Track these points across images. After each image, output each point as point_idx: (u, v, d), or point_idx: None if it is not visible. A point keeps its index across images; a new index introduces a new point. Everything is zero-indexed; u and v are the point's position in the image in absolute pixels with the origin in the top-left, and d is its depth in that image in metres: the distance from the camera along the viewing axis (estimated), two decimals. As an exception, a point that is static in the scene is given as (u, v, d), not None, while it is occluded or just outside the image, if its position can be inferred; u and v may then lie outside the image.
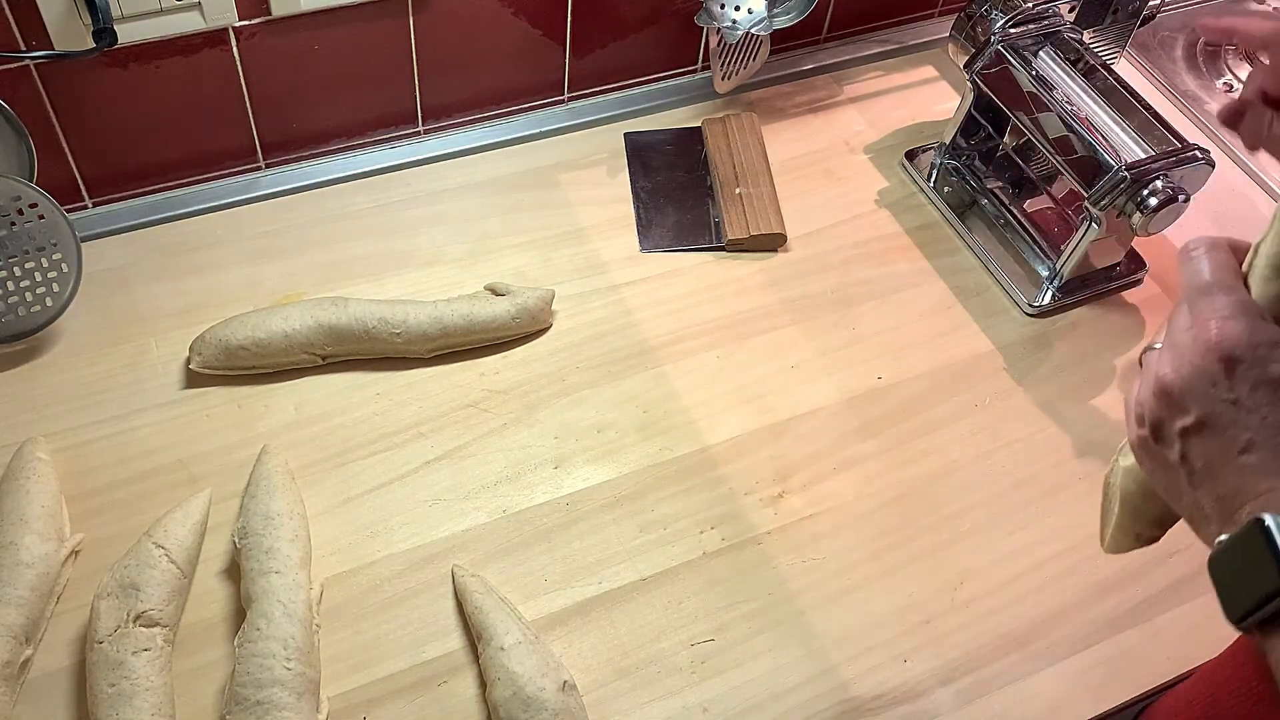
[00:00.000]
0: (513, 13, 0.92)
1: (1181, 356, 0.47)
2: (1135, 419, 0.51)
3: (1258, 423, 0.44)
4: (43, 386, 0.78)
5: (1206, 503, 0.46)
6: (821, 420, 0.81)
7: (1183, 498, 0.48)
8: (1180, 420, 0.47)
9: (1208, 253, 0.49)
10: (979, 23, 0.90)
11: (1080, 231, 0.86)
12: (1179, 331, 0.48)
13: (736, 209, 0.92)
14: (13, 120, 0.77)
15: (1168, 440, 0.48)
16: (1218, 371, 0.45)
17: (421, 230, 0.90)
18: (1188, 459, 0.47)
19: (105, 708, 0.60)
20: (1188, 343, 0.47)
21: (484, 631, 0.66)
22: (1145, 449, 0.50)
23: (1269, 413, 0.44)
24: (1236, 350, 0.45)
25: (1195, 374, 0.46)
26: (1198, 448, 0.46)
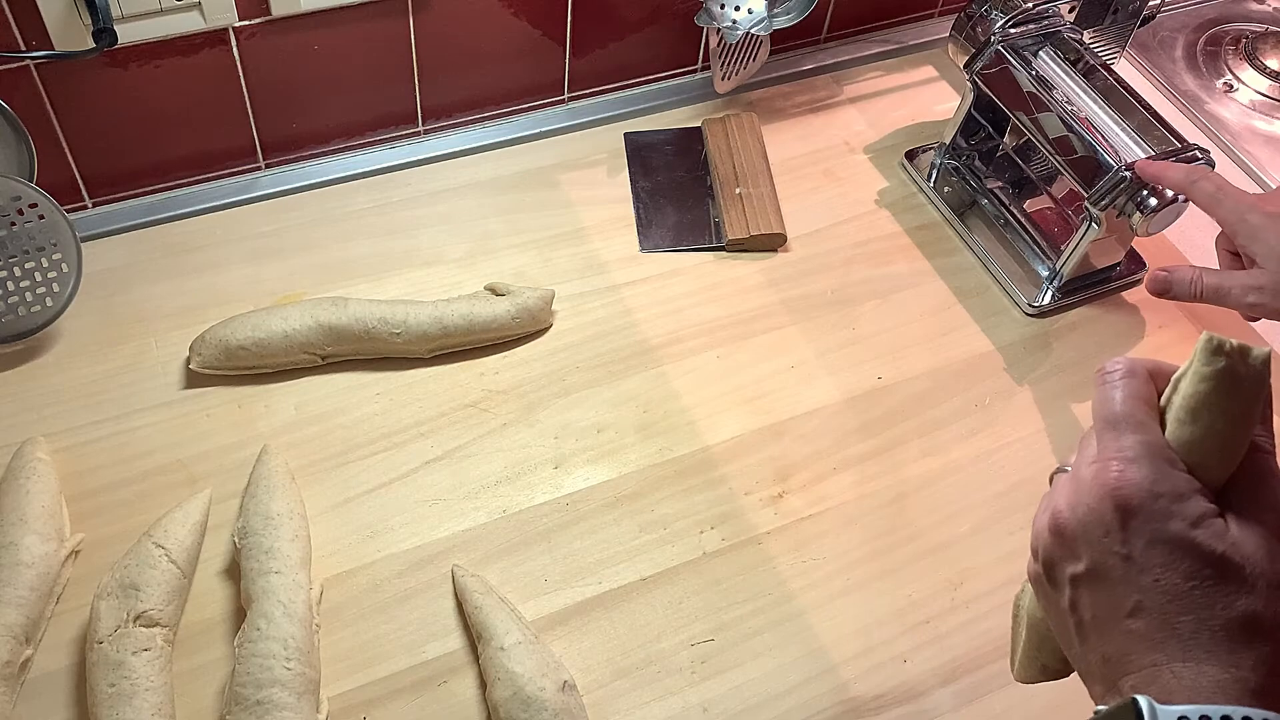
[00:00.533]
0: (513, 13, 0.92)
1: (1079, 496, 0.43)
2: (1032, 550, 0.47)
3: (1149, 584, 0.41)
4: (43, 386, 0.78)
5: (1093, 659, 0.43)
6: (821, 420, 0.81)
7: (1072, 647, 0.45)
8: (1071, 566, 0.44)
9: (1123, 379, 0.45)
10: (979, 23, 0.90)
11: (1080, 231, 0.86)
12: (1083, 465, 0.44)
13: (736, 209, 0.92)
14: (12, 120, 0.77)
15: (1058, 583, 0.45)
16: (1112, 520, 0.42)
17: (421, 230, 0.90)
18: (1077, 608, 0.44)
19: (105, 708, 0.60)
20: (1088, 480, 0.43)
21: (484, 631, 0.66)
22: (1039, 585, 0.47)
23: (1161, 575, 0.40)
24: (1134, 499, 0.41)
25: (1090, 517, 0.43)
26: (1086, 598, 0.43)
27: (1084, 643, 0.44)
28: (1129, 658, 0.41)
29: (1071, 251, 0.87)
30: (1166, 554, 0.40)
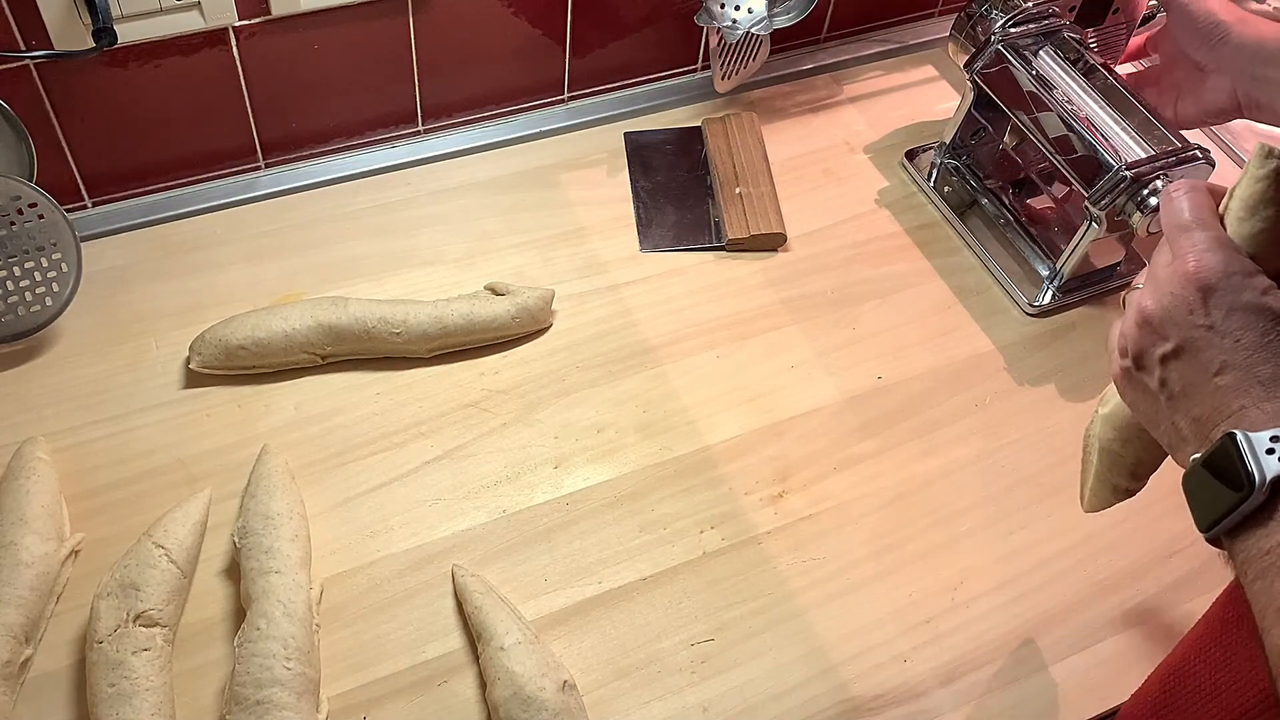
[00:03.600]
0: (513, 12, 0.92)
1: (1161, 288, 0.51)
2: (1118, 351, 0.54)
3: (1231, 346, 0.48)
4: (42, 386, 0.78)
5: (1184, 425, 0.50)
6: (821, 420, 0.81)
7: (1161, 423, 0.52)
8: (1160, 347, 0.51)
9: (1187, 194, 0.53)
10: (979, 22, 0.90)
11: (1080, 231, 0.86)
12: (1160, 267, 0.52)
13: (736, 209, 0.92)
14: (12, 120, 0.77)
15: (1149, 367, 0.52)
16: (1195, 300, 0.49)
17: (421, 230, 0.90)
18: (1167, 384, 0.51)
19: (105, 707, 0.60)
20: (1167, 276, 0.51)
21: (484, 631, 0.66)
22: (1128, 379, 0.54)
23: (1242, 336, 0.48)
24: (1212, 279, 0.49)
25: (1174, 303, 0.50)
26: (1175, 372, 0.50)
27: (1175, 412, 0.50)
28: (1219, 410, 0.48)
29: (1072, 251, 0.87)
30: (1244, 318, 0.48)
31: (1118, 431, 0.59)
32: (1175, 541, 0.76)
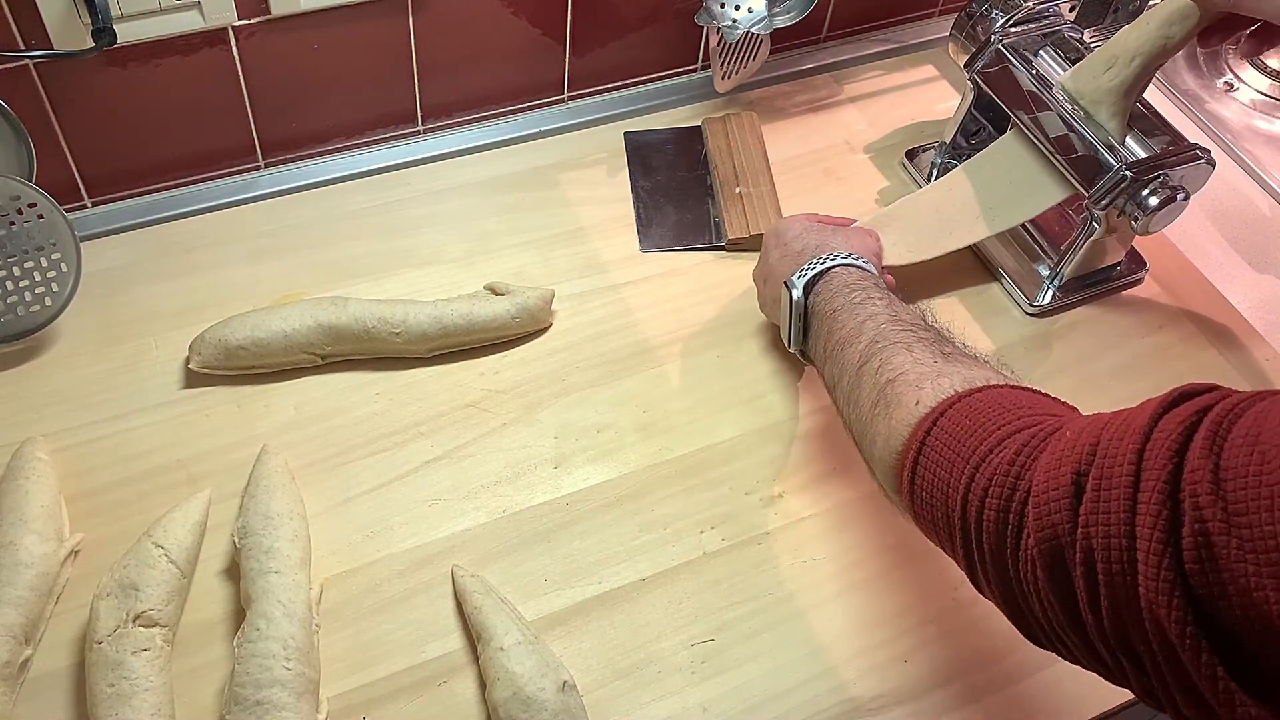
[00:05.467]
0: (512, 12, 0.92)
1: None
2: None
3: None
4: (42, 386, 0.78)
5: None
6: (822, 420, 0.80)
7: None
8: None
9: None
10: (979, 22, 0.90)
11: (1081, 231, 0.86)
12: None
13: (736, 208, 0.92)
14: (12, 120, 0.77)
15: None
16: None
17: (421, 230, 0.90)
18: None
19: (104, 708, 0.60)
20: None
21: (484, 632, 0.66)
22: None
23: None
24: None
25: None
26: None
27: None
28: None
29: (1072, 251, 0.87)
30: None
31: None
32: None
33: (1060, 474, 0.47)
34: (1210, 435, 0.42)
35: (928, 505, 0.56)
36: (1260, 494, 0.39)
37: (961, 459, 0.53)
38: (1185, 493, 0.42)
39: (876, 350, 0.63)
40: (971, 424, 0.54)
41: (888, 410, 0.60)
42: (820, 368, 0.71)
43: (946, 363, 0.60)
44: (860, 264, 0.73)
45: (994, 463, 0.51)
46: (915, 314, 0.67)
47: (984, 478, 0.51)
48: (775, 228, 0.80)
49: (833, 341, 0.68)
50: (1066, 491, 0.46)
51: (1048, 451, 0.49)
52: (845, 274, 0.71)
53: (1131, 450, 0.44)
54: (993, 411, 0.54)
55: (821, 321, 0.70)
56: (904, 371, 0.60)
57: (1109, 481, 0.45)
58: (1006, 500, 0.50)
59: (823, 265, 0.72)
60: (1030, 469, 0.49)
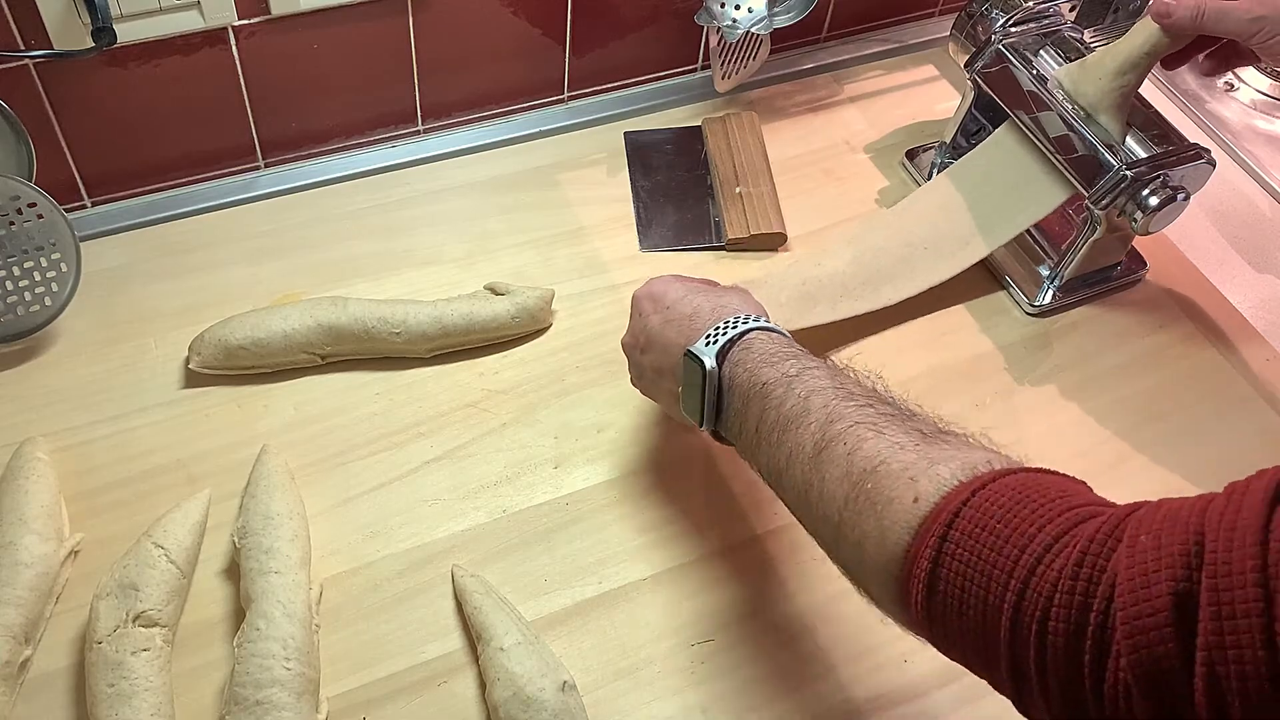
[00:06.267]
0: (512, 12, 0.92)
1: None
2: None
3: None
4: (42, 386, 0.78)
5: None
6: (822, 420, 0.80)
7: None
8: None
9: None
10: (979, 22, 0.90)
11: (1081, 231, 0.86)
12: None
13: (736, 208, 0.92)
14: (11, 120, 0.77)
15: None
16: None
17: (421, 230, 0.90)
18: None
19: (104, 708, 0.60)
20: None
21: (484, 632, 0.66)
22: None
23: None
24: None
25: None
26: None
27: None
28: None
29: (1072, 251, 0.87)
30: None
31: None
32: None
33: (1152, 592, 0.40)
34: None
35: (957, 626, 0.48)
36: None
37: (1001, 570, 0.45)
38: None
39: (836, 434, 0.54)
40: (1003, 525, 0.46)
41: (874, 508, 0.51)
42: (750, 453, 0.61)
43: (932, 445, 0.52)
44: (776, 328, 0.63)
45: (1051, 572, 0.44)
46: (864, 384, 0.59)
47: (1040, 593, 0.44)
48: (649, 290, 0.70)
49: (768, 423, 0.58)
50: (1166, 615, 0.40)
51: (1122, 560, 0.42)
52: (765, 340, 0.61)
53: (1252, 568, 0.39)
54: (1024, 507, 0.47)
55: (747, 399, 0.60)
56: (884, 460, 0.52)
57: (1230, 608, 0.39)
58: (1079, 620, 0.43)
59: (735, 330, 0.62)
60: (1101, 581, 0.42)
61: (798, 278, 0.84)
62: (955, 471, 0.50)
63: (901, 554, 0.49)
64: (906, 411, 0.56)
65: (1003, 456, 0.52)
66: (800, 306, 0.83)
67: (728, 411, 0.62)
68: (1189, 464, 0.80)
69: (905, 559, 0.49)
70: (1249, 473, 0.43)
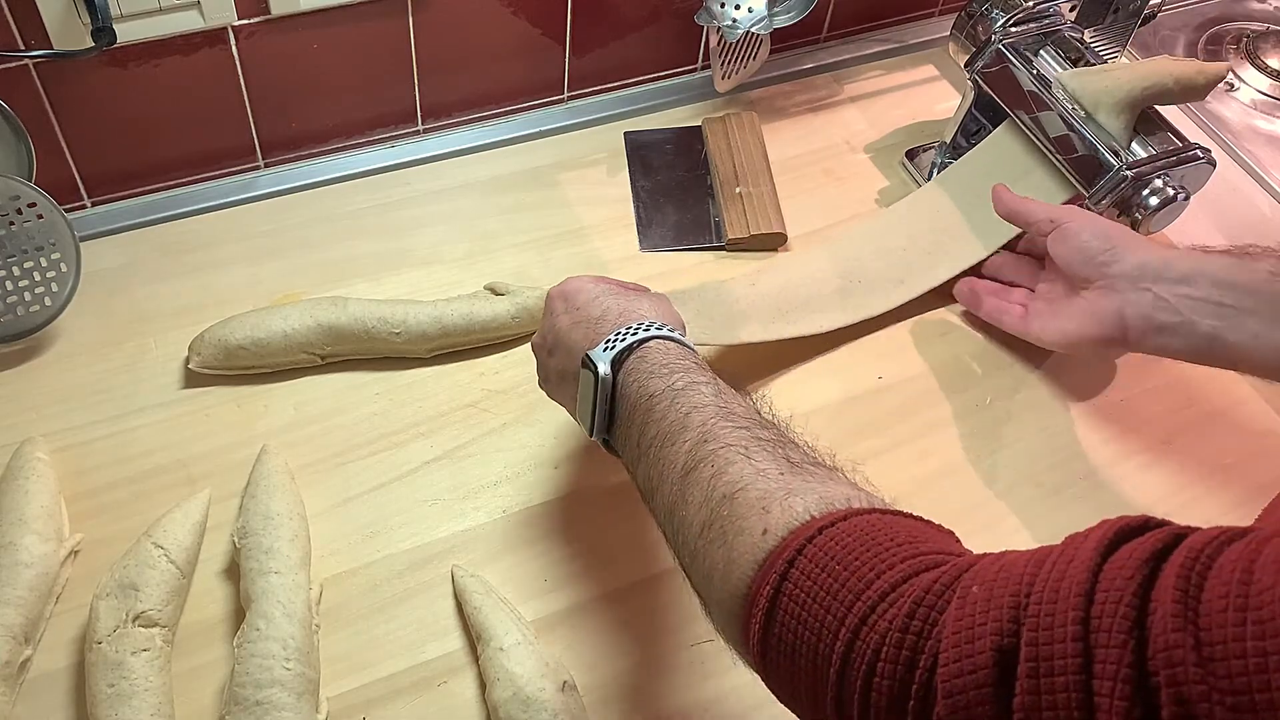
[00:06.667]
0: (512, 12, 0.92)
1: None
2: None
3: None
4: (41, 386, 0.78)
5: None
6: (821, 420, 0.80)
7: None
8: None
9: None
10: (979, 22, 0.90)
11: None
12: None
13: (736, 208, 0.92)
14: (11, 120, 0.77)
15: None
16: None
17: (421, 230, 0.90)
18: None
19: (104, 708, 0.60)
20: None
21: (484, 632, 0.66)
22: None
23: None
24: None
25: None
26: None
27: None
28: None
29: (1072, 251, 0.87)
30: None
31: None
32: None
33: (975, 648, 0.38)
34: (1180, 597, 0.34)
35: (788, 669, 0.45)
36: (1272, 679, 0.31)
37: (834, 616, 0.43)
38: (1160, 677, 0.33)
39: (707, 454, 0.51)
40: (843, 568, 0.44)
41: (725, 538, 0.48)
42: (631, 466, 0.59)
43: (795, 475, 0.49)
44: (678, 337, 0.60)
45: (882, 623, 0.41)
46: (748, 405, 0.56)
47: (870, 643, 0.41)
48: (562, 289, 0.67)
49: (648, 436, 0.55)
50: (987, 673, 0.37)
51: (952, 612, 0.40)
52: (663, 349, 0.58)
53: (1073, 621, 0.36)
54: (867, 550, 0.44)
55: (634, 409, 0.57)
56: (744, 486, 0.49)
57: (1049, 664, 0.36)
58: (905, 678, 0.40)
59: (634, 337, 0.59)
60: (932, 634, 0.40)
61: (731, 295, 0.82)
62: (810, 505, 0.47)
63: (744, 590, 0.47)
64: (784, 438, 0.53)
65: (866, 495, 0.49)
66: (730, 323, 0.80)
67: (619, 422, 0.59)
68: (1190, 463, 0.80)
69: (746, 597, 0.47)
70: (1249, 473, 0.43)
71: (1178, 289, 0.68)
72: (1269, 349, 0.65)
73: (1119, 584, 0.36)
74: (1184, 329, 0.68)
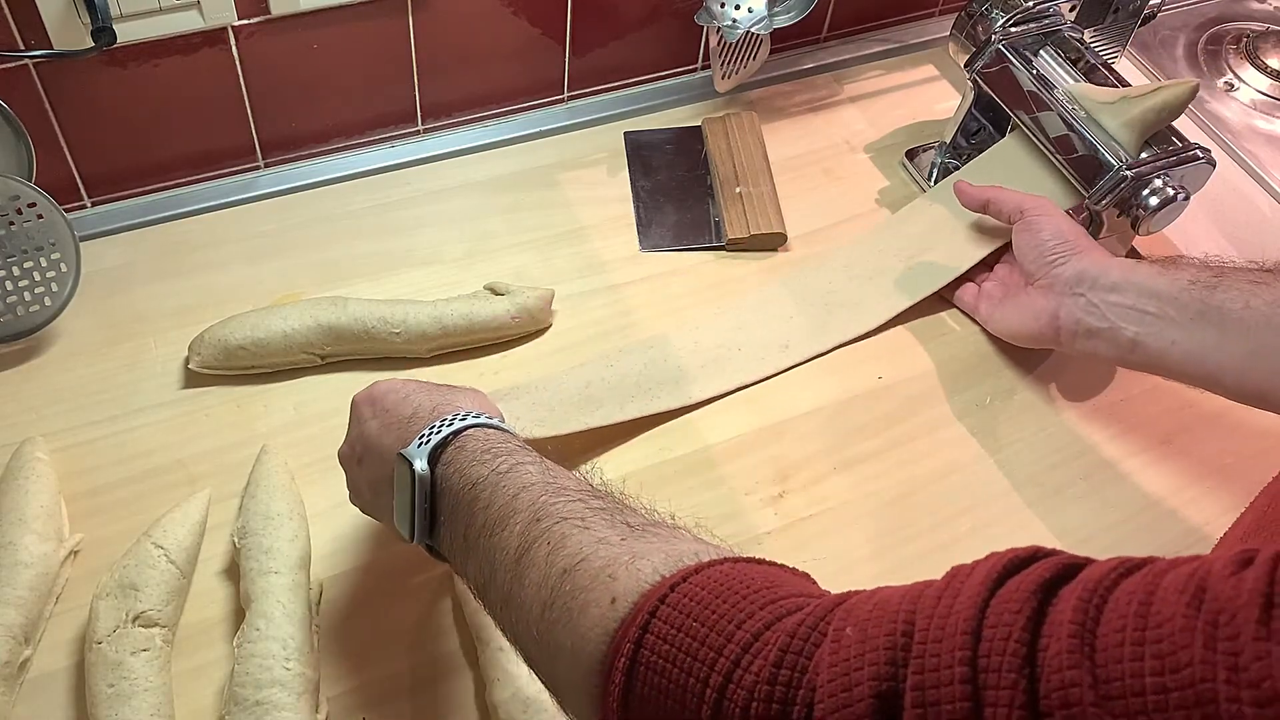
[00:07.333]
0: (512, 11, 0.92)
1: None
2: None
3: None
4: (41, 386, 0.78)
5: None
6: (821, 420, 0.80)
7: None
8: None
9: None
10: (979, 22, 0.90)
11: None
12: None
13: (736, 208, 0.92)
14: (11, 120, 0.77)
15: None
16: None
17: (421, 230, 0.90)
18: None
19: (104, 708, 0.60)
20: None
21: (483, 632, 0.66)
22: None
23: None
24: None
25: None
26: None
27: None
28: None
29: (1072, 251, 0.87)
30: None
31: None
32: (1183, 538, 0.76)
33: (854, 695, 0.36)
34: (1076, 631, 0.32)
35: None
36: (1173, 716, 0.29)
37: (697, 677, 0.40)
38: (1055, 717, 0.32)
39: (541, 532, 0.48)
40: (700, 624, 0.41)
41: (570, 615, 0.44)
42: (459, 564, 0.54)
43: (638, 539, 0.46)
44: (498, 424, 0.57)
45: (748, 676, 0.39)
46: (579, 479, 0.53)
47: (737, 701, 0.38)
48: (368, 393, 0.63)
49: (475, 527, 0.51)
50: (867, 717, 0.35)
51: (825, 656, 0.37)
52: (482, 436, 0.55)
53: (960, 661, 0.34)
54: (724, 602, 0.41)
55: (457, 502, 0.53)
56: (585, 557, 0.46)
57: (936, 710, 0.34)
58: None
59: (450, 428, 0.55)
60: (803, 682, 0.37)
61: (581, 380, 0.78)
62: (658, 565, 0.44)
63: (597, 666, 0.43)
64: (621, 505, 0.50)
65: (713, 547, 0.47)
66: (571, 411, 0.76)
67: (441, 519, 0.54)
68: (1190, 463, 0.80)
69: (600, 673, 0.43)
70: (1249, 473, 0.42)
71: (1108, 296, 0.72)
72: (1184, 355, 0.68)
73: (1007, 619, 0.34)
74: (1109, 334, 0.72)
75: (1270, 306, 0.64)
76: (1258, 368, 0.65)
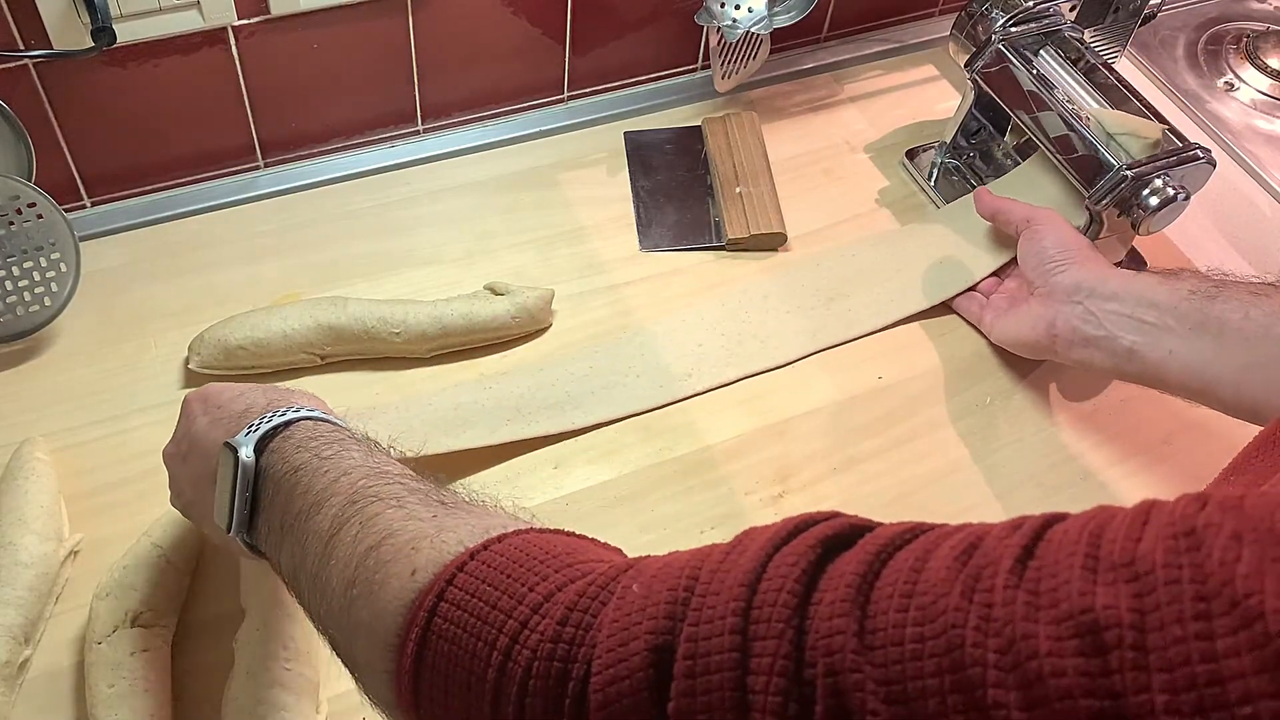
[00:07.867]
0: (512, 11, 0.92)
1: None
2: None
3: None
4: (41, 386, 0.78)
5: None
6: (821, 420, 0.80)
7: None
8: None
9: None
10: (980, 21, 0.90)
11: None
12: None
13: (736, 208, 0.92)
14: (11, 120, 0.77)
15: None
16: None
17: (421, 230, 0.90)
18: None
19: (104, 708, 0.60)
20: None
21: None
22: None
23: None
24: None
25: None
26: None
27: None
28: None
29: (1072, 251, 0.87)
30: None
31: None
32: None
33: (630, 650, 0.34)
34: (856, 582, 0.32)
35: (443, 714, 0.40)
36: (925, 664, 0.29)
37: (485, 641, 0.38)
38: (818, 667, 0.31)
39: (354, 513, 0.46)
40: (495, 589, 0.39)
41: (371, 591, 0.42)
42: (274, 554, 0.51)
43: (449, 514, 0.45)
44: (334, 420, 0.55)
45: (534, 636, 0.37)
46: (405, 468, 0.51)
47: (520, 661, 0.37)
48: (201, 392, 0.61)
49: (292, 513, 0.49)
50: (642, 675, 0.34)
51: (609, 613, 0.36)
52: (312, 427, 0.53)
53: (733, 613, 0.33)
54: (521, 568, 0.40)
55: (278, 489, 0.50)
56: (391, 533, 0.44)
57: (705, 661, 0.33)
58: (557, 688, 0.36)
59: (281, 418, 0.53)
60: (586, 639, 0.36)
61: (448, 403, 0.76)
62: (463, 537, 0.42)
63: (394, 640, 0.41)
64: (442, 489, 0.49)
65: (524, 522, 0.45)
66: (449, 429, 0.75)
67: (261, 509, 0.52)
68: (1189, 463, 0.80)
69: (395, 645, 0.41)
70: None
71: (1106, 305, 0.72)
72: (1181, 365, 0.68)
73: (783, 571, 0.34)
74: (1105, 343, 0.72)
75: (1269, 317, 0.64)
76: (1254, 380, 0.64)
